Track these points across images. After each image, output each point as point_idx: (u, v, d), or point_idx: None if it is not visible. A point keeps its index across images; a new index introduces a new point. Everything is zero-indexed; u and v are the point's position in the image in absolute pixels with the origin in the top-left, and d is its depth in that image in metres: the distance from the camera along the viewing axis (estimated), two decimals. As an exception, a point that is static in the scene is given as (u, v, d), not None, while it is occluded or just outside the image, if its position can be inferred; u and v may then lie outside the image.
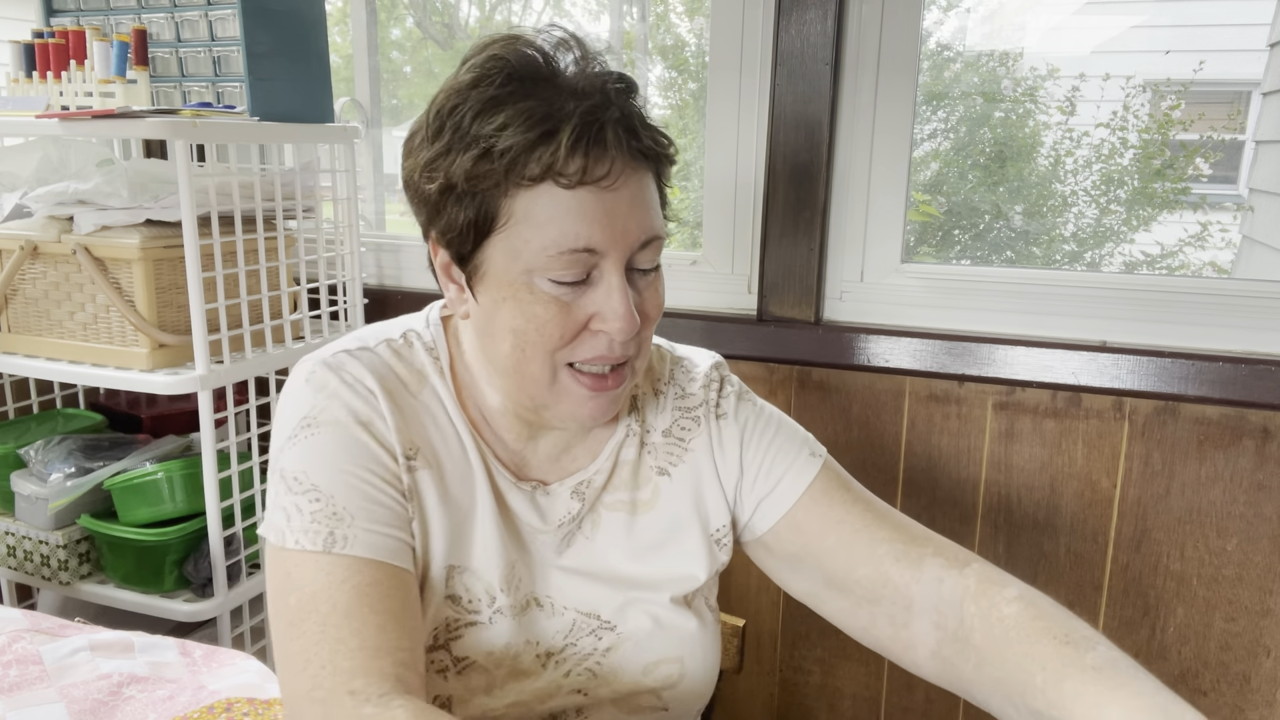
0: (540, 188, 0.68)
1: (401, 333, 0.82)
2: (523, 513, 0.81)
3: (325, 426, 0.74)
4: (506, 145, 0.67)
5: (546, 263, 0.69)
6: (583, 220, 0.68)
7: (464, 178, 0.68)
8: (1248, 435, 1.28)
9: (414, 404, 0.78)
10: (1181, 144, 1.86)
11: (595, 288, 0.71)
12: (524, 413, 0.79)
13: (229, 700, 0.96)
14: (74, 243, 1.31)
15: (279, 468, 0.75)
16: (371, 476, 0.74)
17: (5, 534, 1.42)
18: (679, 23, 2.02)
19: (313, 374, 0.77)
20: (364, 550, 0.71)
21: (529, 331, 0.71)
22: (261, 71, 1.40)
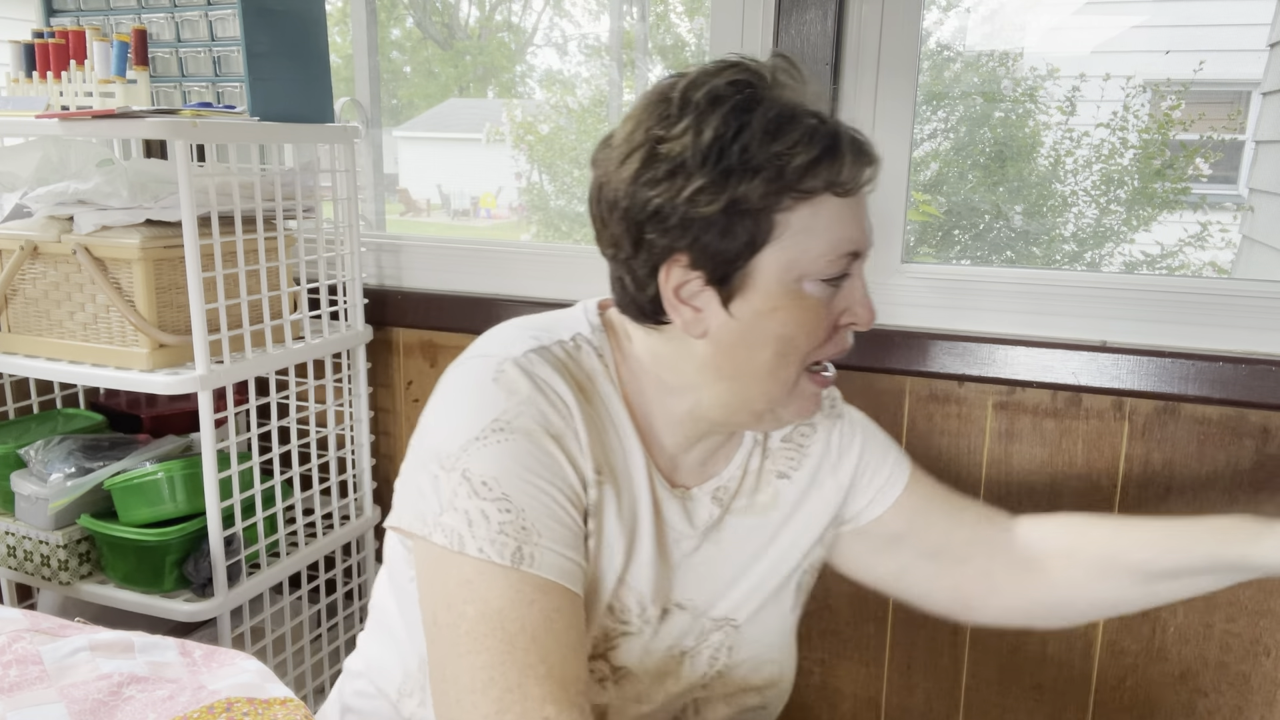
0: (821, 198, 0.72)
1: (571, 334, 0.81)
2: (674, 519, 0.83)
3: (519, 434, 0.72)
4: (799, 164, 0.71)
5: (824, 267, 0.73)
6: (854, 225, 0.75)
7: (755, 197, 0.71)
8: (1248, 435, 1.28)
9: (592, 414, 0.78)
10: (1181, 144, 1.86)
11: (842, 287, 0.76)
12: (736, 418, 0.81)
13: (229, 700, 0.96)
14: (74, 243, 1.31)
15: (460, 467, 0.72)
16: (558, 494, 0.73)
17: (5, 534, 1.42)
18: (679, 23, 2.02)
19: (503, 373, 0.75)
20: (549, 571, 0.71)
21: (797, 336, 0.75)
22: (261, 71, 1.40)
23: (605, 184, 0.76)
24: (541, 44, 2.83)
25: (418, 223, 5.31)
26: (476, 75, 3.76)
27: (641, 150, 0.73)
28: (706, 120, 0.71)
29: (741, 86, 0.73)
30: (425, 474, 0.75)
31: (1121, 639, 1.39)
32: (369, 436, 1.64)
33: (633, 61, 1.87)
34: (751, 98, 0.72)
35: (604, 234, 0.78)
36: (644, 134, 0.74)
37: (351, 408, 1.62)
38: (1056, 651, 1.43)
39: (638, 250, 0.75)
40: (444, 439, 0.74)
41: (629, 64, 1.88)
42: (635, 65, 1.87)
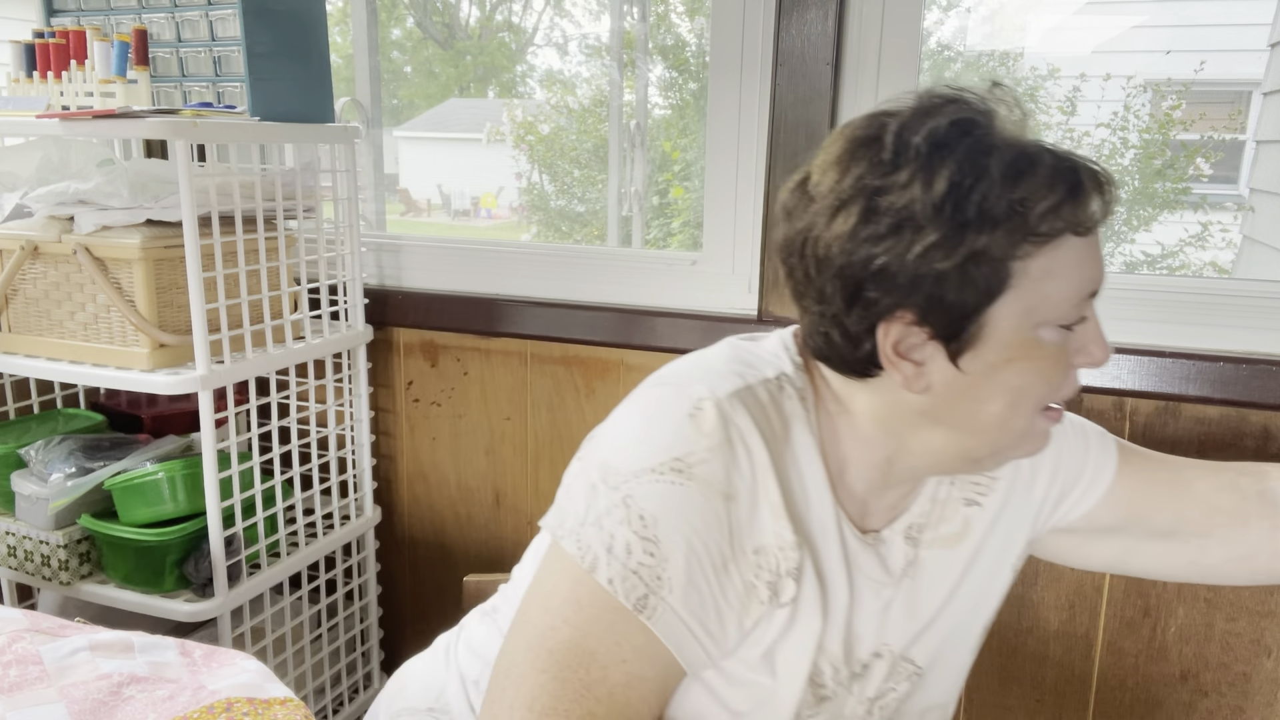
0: (1060, 241, 0.66)
1: (776, 373, 0.76)
2: (869, 568, 0.78)
3: (695, 484, 0.68)
4: (1043, 209, 0.65)
5: (1065, 312, 0.68)
6: (1094, 263, 0.69)
7: (995, 249, 0.65)
8: (1248, 435, 1.28)
9: (784, 469, 0.73)
10: (1182, 144, 1.86)
11: (1075, 328, 0.70)
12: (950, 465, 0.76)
13: (229, 700, 0.96)
14: (74, 243, 1.31)
15: (624, 491, 0.69)
16: (707, 559, 0.69)
17: (5, 534, 1.42)
18: (679, 23, 2.02)
19: (700, 411, 0.70)
20: (663, 631, 0.68)
21: (1034, 386, 0.69)
22: (262, 71, 1.40)
23: (811, 238, 0.70)
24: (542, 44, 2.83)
25: (418, 223, 5.31)
26: (477, 75, 3.77)
27: (857, 203, 0.67)
28: (935, 168, 0.65)
29: (967, 127, 0.67)
30: (584, 480, 0.72)
31: (1122, 639, 1.39)
32: (369, 436, 1.64)
33: (633, 61, 1.87)
34: (982, 140, 0.66)
35: (807, 289, 0.72)
36: (856, 183, 0.67)
37: (352, 408, 1.63)
38: (1057, 651, 1.43)
39: (852, 307, 0.69)
40: (618, 456, 0.71)
41: (629, 64, 1.88)
42: (635, 65, 1.87)
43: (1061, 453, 0.86)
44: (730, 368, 0.75)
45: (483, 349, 1.66)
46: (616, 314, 1.56)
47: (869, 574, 0.78)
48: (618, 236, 1.99)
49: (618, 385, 1.58)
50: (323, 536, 1.57)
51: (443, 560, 1.79)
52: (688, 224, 2.09)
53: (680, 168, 2.09)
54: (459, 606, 1.08)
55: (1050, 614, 1.42)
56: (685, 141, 2.03)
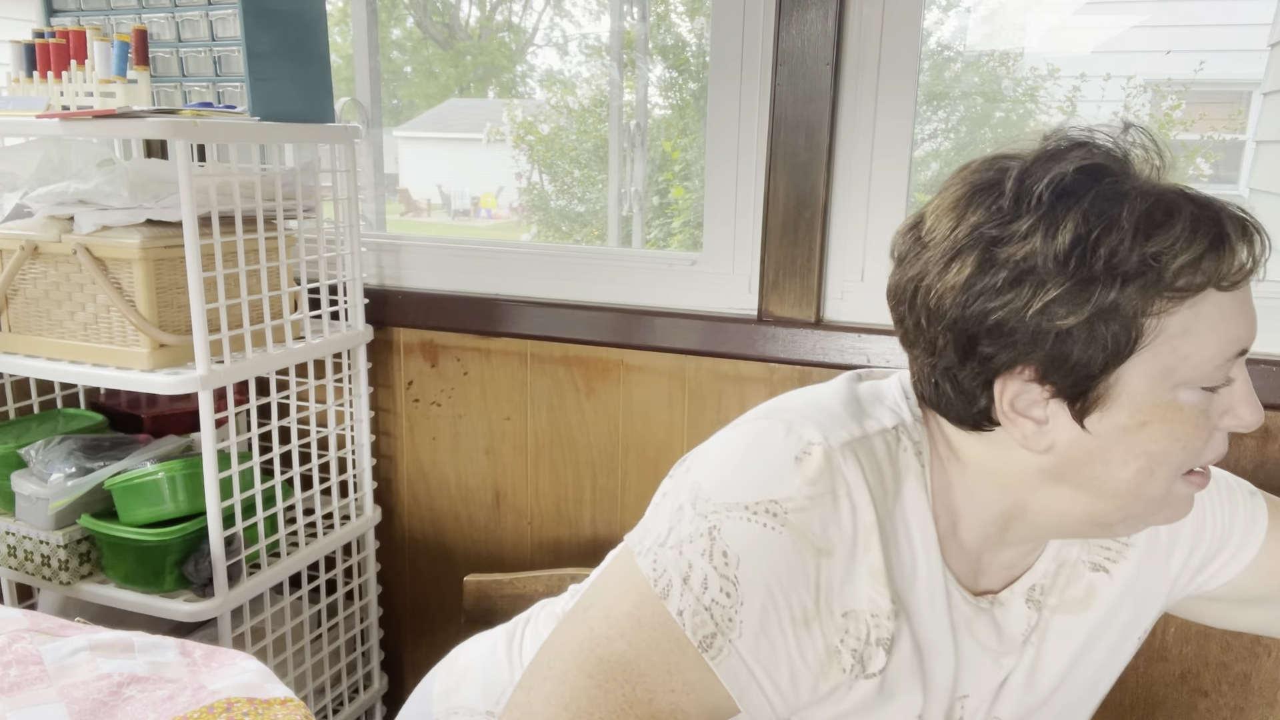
0: (1202, 296, 0.62)
1: (895, 423, 0.71)
2: (982, 635, 0.74)
3: (789, 531, 0.65)
4: (1181, 264, 0.60)
5: (1208, 373, 0.63)
6: (1242, 320, 0.64)
7: (1126, 305, 0.61)
8: (1248, 435, 1.28)
9: (893, 529, 0.69)
10: (1182, 144, 1.86)
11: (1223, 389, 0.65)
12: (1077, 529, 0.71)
13: (229, 700, 0.96)
14: (74, 243, 1.31)
15: (712, 521, 0.65)
16: (786, 612, 0.65)
17: (5, 534, 1.42)
18: (679, 23, 2.02)
19: (808, 455, 0.66)
20: (725, 674, 0.64)
21: (1171, 452, 0.64)
22: (262, 71, 1.40)
23: (923, 287, 0.66)
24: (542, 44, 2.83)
25: (418, 223, 5.31)
26: (477, 75, 3.77)
27: (973, 252, 0.63)
28: (1060, 218, 0.61)
29: (1097, 174, 0.62)
30: (673, 500, 0.69)
31: (1122, 639, 1.39)
32: (369, 436, 1.64)
33: (633, 61, 1.87)
34: (1112, 187, 0.62)
35: (918, 339, 0.69)
36: (972, 232, 0.63)
37: (352, 408, 1.63)
38: (1057, 652, 1.43)
39: (966, 361, 0.65)
40: (714, 484, 0.67)
41: (629, 64, 1.88)
42: (636, 65, 1.87)
43: (1205, 517, 0.81)
44: (848, 411, 0.71)
45: (483, 349, 1.66)
46: (616, 314, 1.56)
47: (981, 640, 0.73)
48: (618, 236, 2.00)
49: (618, 385, 1.58)
50: (323, 536, 1.57)
51: (443, 560, 1.79)
52: (688, 224, 2.09)
53: (680, 168, 2.09)
54: (459, 606, 1.08)
55: (1050, 614, 1.42)
56: (685, 141, 2.03)
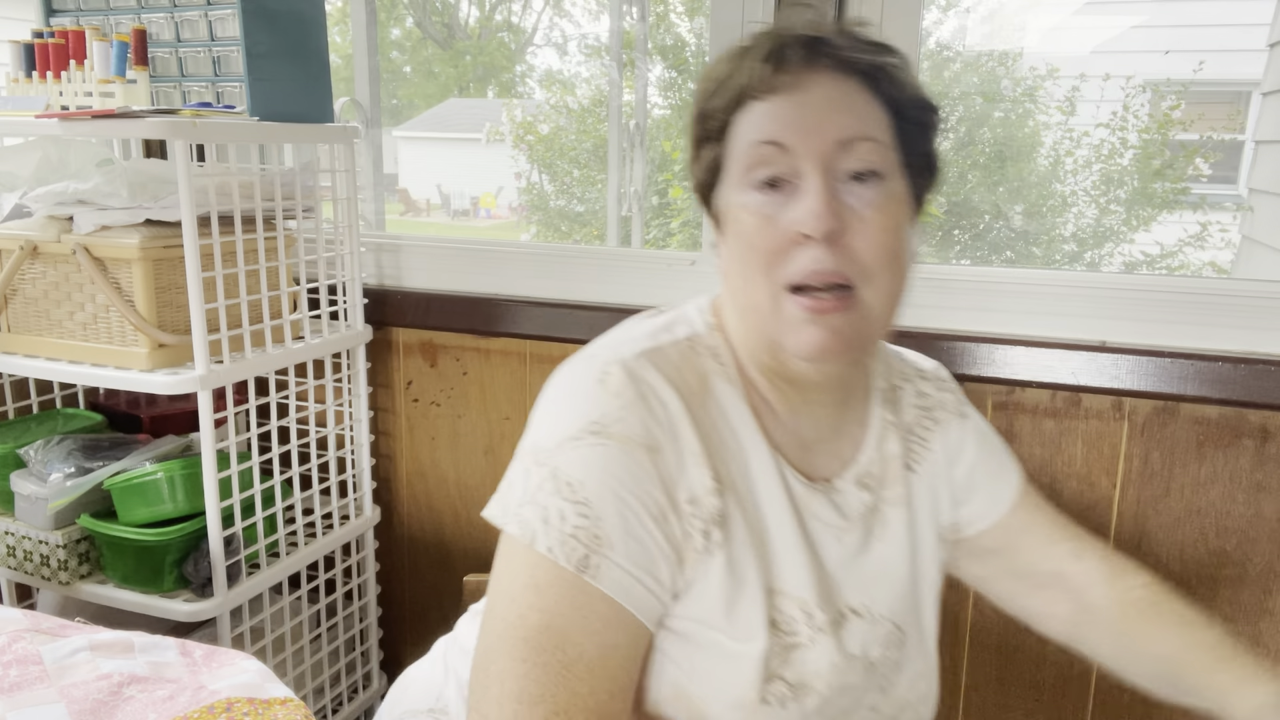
0: (743, 109, 0.74)
1: (687, 334, 0.79)
2: (821, 512, 0.79)
3: (614, 441, 0.70)
4: (715, 81, 0.75)
5: (743, 167, 0.73)
6: (771, 119, 0.72)
7: (698, 121, 0.77)
8: (1247, 435, 1.28)
9: (705, 419, 0.75)
10: (1181, 144, 1.86)
11: (797, 198, 0.71)
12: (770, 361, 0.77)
13: (229, 700, 0.96)
14: (74, 243, 1.31)
15: (551, 465, 0.71)
16: (644, 510, 0.70)
17: (5, 534, 1.42)
18: (679, 23, 2.02)
19: (608, 375, 0.73)
20: (614, 589, 0.69)
21: (744, 250, 0.73)
22: (261, 71, 1.40)
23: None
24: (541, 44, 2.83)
25: (417, 223, 5.31)
26: (476, 75, 3.77)
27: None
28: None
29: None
30: (520, 467, 0.74)
31: (1121, 639, 1.39)
32: (369, 436, 1.64)
33: (633, 61, 1.87)
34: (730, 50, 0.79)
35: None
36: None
37: (351, 408, 1.63)
38: (1056, 651, 1.43)
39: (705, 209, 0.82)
40: (542, 435, 0.73)
41: (629, 64, 1.88)
42: (635, 65, 1.87)
43: (982, 454, 0.91)
44: (642, 332, 0.79)
45: (482, 349, 1.66)
46: (616, 314, 1.55)
47: (823, 519, 0.79)
48: (617, 236, 1.99)
49: (617, 385, 1.58)
50: (322, 536, 1.57)
51: (442, 560, 1.79)
52: (687, 224, 2.09)
53: (680, 167, 2.09)
54: (458, 606, 1.08)
55: (1049, 614, 1.42)
56: (685, 141, 2.03)
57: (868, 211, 0.71)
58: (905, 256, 0.74)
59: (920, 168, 0.78)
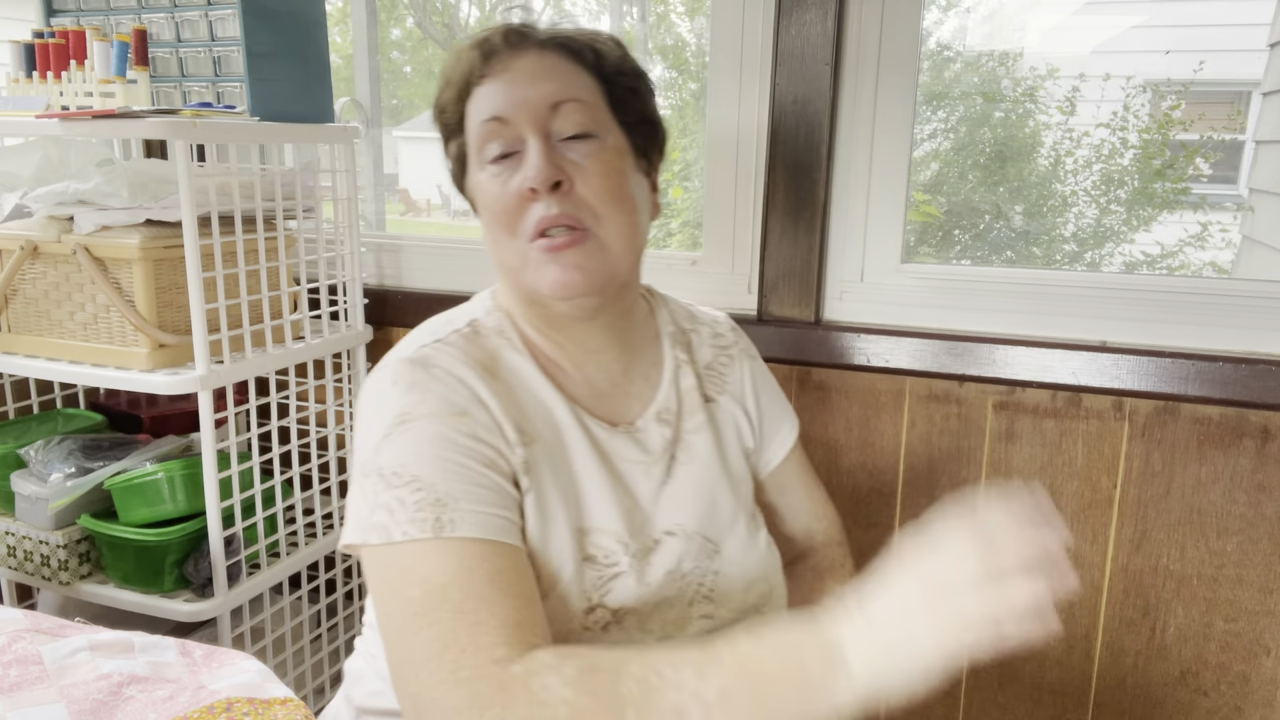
0: (469, 98, 0.83)
1: (467, 321, 0.87)
2: (626, 452, 0.87)
3: (421, 421, 0.75)
4: (446, 75, 0.85)
5: (477, 149, 0.82)
6: (492, 99, 0.81)
7: (437, 117, 0.86)
8: (1248, 435, 1.28)
9: (500, 387, 0.81)
10: (1182, 144, 1.86)
11: (519, 161, 0.80)
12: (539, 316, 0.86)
13: (229, 700, 0.96)
14: (74, 243, 1.31)
15: (375, 468, 0.75)
16: (472, 461, 0.75)
17: (5, 534, 1.42)
18: (679, 23, 2.02)
19: (398, 374, 0.79)
20: (474, 530, 0.72)
21: (491, 218, 0.82)
22: (261, 72, 1.40)
23: None
24: (541, 44, 2.83)
25: (418, 223, 5.30)
26: (476, 75, 3.76)
27: None
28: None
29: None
30: (355, 488, 0.77)
31: (1122, 639, 1.39)
32: (369, 436, 1.64)
33: (633, 61, 1.87)
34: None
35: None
36: None
37: (351, 408, 1.62)
38: (1057, 651, 1.43)
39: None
40: (361, 449, 0.78)
41: (629, 64, 1.88)
42: (635, 65, 1.87)
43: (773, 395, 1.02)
44: (418, 335, 0.85)
45: (482, 349, 1.66)
46: (616, 314, 1.56)
47: (629, 457, 0.87)
48: (617, 236, 1.99)
49: (617, 385, 1.58)
50: (322, 536, 1.57)
51: (442, 560, 1.78)
52: (687, 224, 2.09)
53: (680, 168, 2.09)
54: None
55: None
56: (685, 141, 2.03)
57: (586, 162, 0.80)
58: (632, 200, 0.82)
59: (637, 126, 0.86)
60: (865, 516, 1.49)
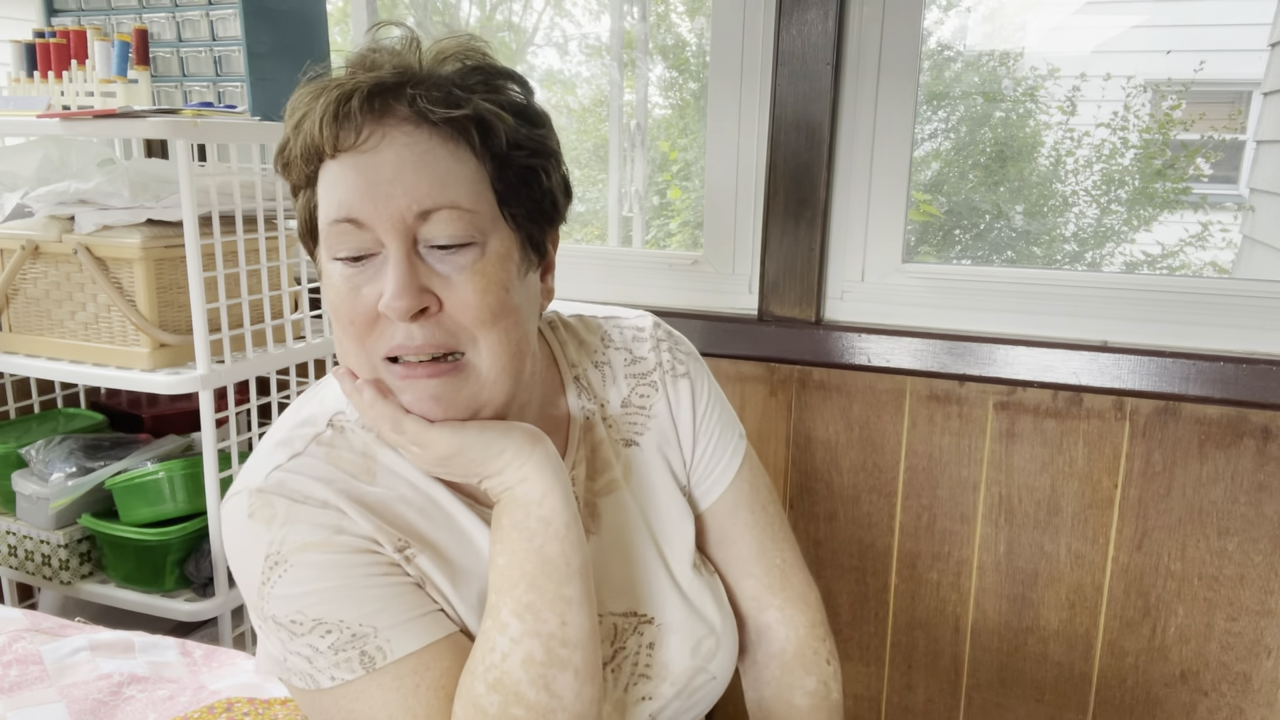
0: (323, 164, 0.66)
1: (328, 420, 0.73)
2: None
3: (293, 556, 0.66)
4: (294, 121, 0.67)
5: (325, 241, 0.67)
6: (343, 186, 0.65)
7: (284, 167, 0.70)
8: (1248, 435, 1.28)
9: (376, 494, 0.70)
10: (1182, 144, 1.86)
11: (384, 270, 0.65)
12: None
13: (229, 700, 0.96)
14: (75, 242, 1.31)
15: (269, 616, 0.67)
16: (370, 578, 0.67)
17: (6, 534, 1.42)
18: (680, 23, 2.02)
19: (253, 507, 0.68)
20: (408, 645, 0.66)
21: (333, 312, 0.68)
22: (262, 71, 1.40)
23: None
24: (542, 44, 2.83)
25: (418, 223, 5.27)
26: (477, 75, 3.75)
27: None
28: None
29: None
30: (256, 622, 0.71)
31: (1122, 639, 1.39)
32: (370, 436, 1.64)
33: (633, 61, 1.87)
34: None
35: None
36: None
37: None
38: (1057, 651, 1.43)
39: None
40: (244, 592, 0.70)
41: (630, 64, 1.88)
42: (636, 65, 1.87)
43: (716, 418, 0.85)
44: (271, 451, 0.72)
45: (483, 349, 1.66)
46: (617, 314, 1.56)
47: None
48: (618, 236, 1.99)
49: (618, 385, 1.58)
50: (323, 536, 1.57)
51: (443, 560, 1.78)
52: (687, 224, 2.09)
53: (680, 168, 2.09)
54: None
55: (1050, 614, 1.42)
56: (685, 141, 2.03)
57: (459, 276, 0.65)
58: (516, 312, 0.68)
59: (531, 214, 0.70)
60: (865, 516, 1.49)
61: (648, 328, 0.87)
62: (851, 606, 1.52)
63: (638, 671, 0.78)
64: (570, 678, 0.67)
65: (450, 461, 0.69)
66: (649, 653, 0.79)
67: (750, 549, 0.86)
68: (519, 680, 0.65)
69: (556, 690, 0.66)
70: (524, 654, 0.66)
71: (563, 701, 0.66)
